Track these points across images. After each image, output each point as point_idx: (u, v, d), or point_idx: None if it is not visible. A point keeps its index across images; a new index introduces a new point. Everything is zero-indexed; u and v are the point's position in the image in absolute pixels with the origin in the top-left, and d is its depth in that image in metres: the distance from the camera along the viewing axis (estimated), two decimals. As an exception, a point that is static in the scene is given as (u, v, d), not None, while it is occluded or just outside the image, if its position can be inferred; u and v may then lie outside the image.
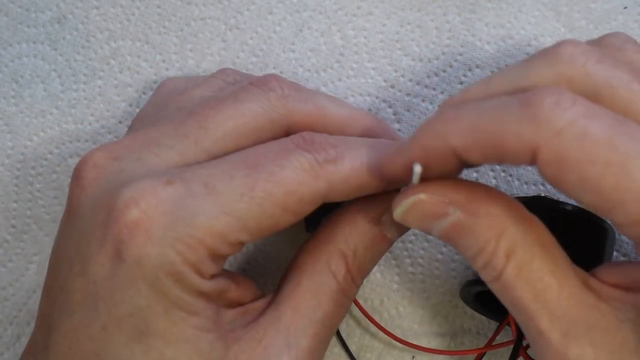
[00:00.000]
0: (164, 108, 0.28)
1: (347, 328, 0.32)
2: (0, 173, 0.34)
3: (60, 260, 0.24)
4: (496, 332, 0.30)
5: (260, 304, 0.24)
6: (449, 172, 0.22)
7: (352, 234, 0.25)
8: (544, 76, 0.21)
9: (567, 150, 0.19)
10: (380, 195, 0.25)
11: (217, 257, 0.22)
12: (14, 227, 0.34)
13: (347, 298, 0.25)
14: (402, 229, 0.26)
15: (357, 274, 0.25)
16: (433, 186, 0.22)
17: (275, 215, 0.22)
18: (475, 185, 0.23)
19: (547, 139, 0.19)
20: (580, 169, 0.19)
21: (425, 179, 0.23)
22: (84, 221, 0.23)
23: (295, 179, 0.23)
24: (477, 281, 0.28)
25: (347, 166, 0.24)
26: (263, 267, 0.33)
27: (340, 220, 0.25)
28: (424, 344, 0.32)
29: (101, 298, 0.22)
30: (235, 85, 0.28)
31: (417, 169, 0.22)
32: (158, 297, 0.22)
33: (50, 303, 0.24)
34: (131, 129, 0.29)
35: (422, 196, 0.22)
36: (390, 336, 0.31)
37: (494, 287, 0.22)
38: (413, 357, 0.32)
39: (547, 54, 0.22)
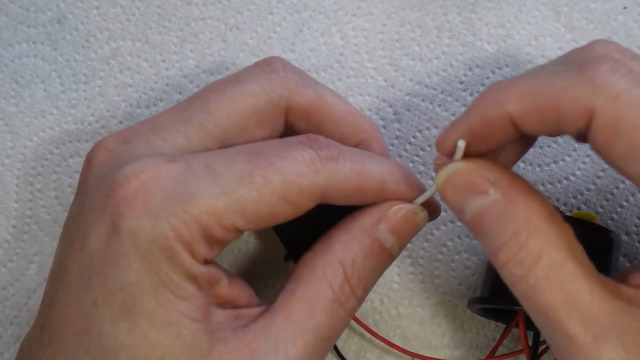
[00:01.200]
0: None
1: (347, 328, 0.32)
2: (1, 173, 0.34)
3: (63, 240, 0.24)
4: (499, 342, 0.29)
5: (254, 311, 0.24)
6: (504, 142, 0.22)
7: (349, 243, 0.25)
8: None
9: (623, 115, 0.19)
10: (376, 205, 0.25)
11: (211, 239, 0.22)
12: (14, 227, 0.34)
13: (343, 309, 0.24)
14: (401, 239, 0.26)
15: (357, 285, 0.24)
16: (480, 162, 0.23)
17: (273, 203, 0.22)
18: (518, 176, 0.23)
19: (604, 102, 0.19)
20: (634, 135, 0.19)
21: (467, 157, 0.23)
22: (88, 198, 0.23)
23: (295, 169, 0.23)
24: (482, 299, 0.28)
25: (348, 167, 0.24)
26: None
27: (337, 230, 0.25)
28: (424, 344, 0.32)
29: (95, 272, 0.22)
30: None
31: (461, 143, 0.22)
32: (148, 273, 0.21)
33: (51, 283, 0.24)
34: None
35: (468, 165, 0.22)
36: (389, 344, 0.31)
37: (517, 288, 0.22)
38: (413, 358, 0.32)
39: (582, 50, 0.23)
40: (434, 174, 0.33)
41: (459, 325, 0.32)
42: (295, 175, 0.23)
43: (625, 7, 0.34)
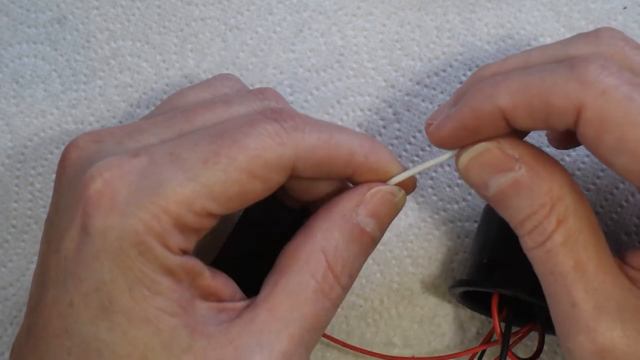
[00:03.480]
0: (162, 109, 0.28)
1: (347, 328, 0.32)
2: (1, 173, 0.34)
3: (43, 241, 0.24)
4: (487, 336, 0.30)
5: (239, 305, 0.24)
6: (494, 136, 0.23)
7: (330, 230, 0.24)
8: (584, 52, 0.23)
9: (611, 110, 0.20)
10: (353, 189, 0.25)
11: (185, 228, 0.22)
12: (14, 227, 0.34)
13: (328, 299, 0.24)
14: (382, 222, 0.25)
15: (342, 272, 0.24)
16: (503, 140, 0.23)
17: (241, 181, 0.22)
18: (540, 150, 0.24)
19: (592, 98, 0.20)
20: (621, 130, 0.20)
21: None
22: (62, 199, 0.23)
23: (260, 143, 0.22)
24: (462, 282, 0.29)
25: (315, 136, 0.24)
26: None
27: (317, 218, 0.25)
28: (424, 344, 0.32)
29: (70, 274, 0.22)
30: (234, 91, 0.28)
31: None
32: (122, 272, 0.21)
33: (34, 284, 0.24)
34: None
35: (493, 145, 0.23)
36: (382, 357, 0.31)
37: (535, 254, 0.23)
38: (413, 356, 0.32)
39: (587, 35, 0.23)
40: (434, 174, 0.33)
41: (459, 325, 0.32)
42: (259, 149, 0.22)
43: (625, 7, 0.34)
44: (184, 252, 0.22)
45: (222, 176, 0.22)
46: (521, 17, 0.34)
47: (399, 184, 0.26)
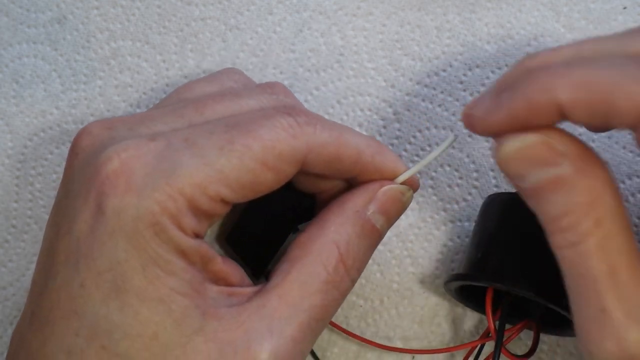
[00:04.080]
0: (170, 100, 0.28)
1: (347, 327, 0.32)
2: (1, 173, 0.34)
3: (50, 227, 0.24)
4: (484, 333, 0.30)
5: (248, 290, 0.24)
6: (543, 127, 0.22)
7: (343, 224, 0.25)
8: None
9: None
10: (365, 186, 0.26)
11: (199, 211, 0.22)
12: (14, 227, 0.34)
13: (337, 290, 0.24)
14: (390, 218, 0.26)
15: (352, 265, 0.25)
16: (552, 133, 0.22)
17: (255, 170, 0.23)
18: (586, 147, 0.22)
19: None
20: None
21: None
22: (74, 183, 0.24)
23: (274, 135, 0.23)
24: (456, 276, 0.29)
25: (326, 133, 0.24)
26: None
27: (330, 212, 0.26)
28: (424, 344, 0.32)
29: (82, 255, 0.22)
30: (241, 85, 0.29)
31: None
32: (136, 251, 0.21)
33: (39, 271, 0.24)
34: None
35: (541, 138, 0.22)
36: (387, 348, 0.31)
37: (565, 253, 0.22)
38: (413, 357, 0.32)
39: None
40: (434, 174, 0.33)
41: (459, 325, 0.32)
42: (274, 140, 0.23)
43: (625, 7, 0.34)
44: (197, 236, 0.23)
45: (237, 163, 0.22)
46: (521, 17, 0.34)
47: (404, 182, 0.27)
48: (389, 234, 0.32)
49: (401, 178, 0.26)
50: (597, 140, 0.33)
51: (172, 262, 0.22)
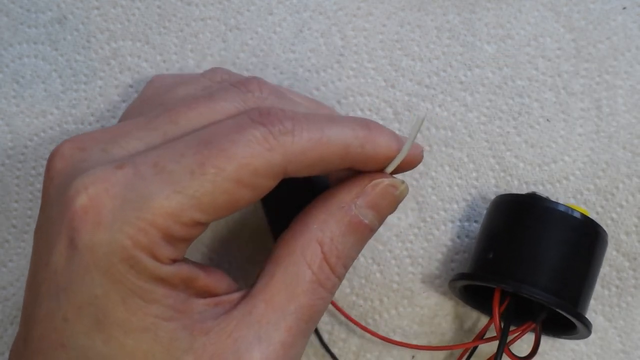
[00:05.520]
0: (147, 104, 0.27)
1: (347, 328, 0.32)
2: (1, 173, 0.34)
3: (34, 252, 0.24)
4: (484, 329, 0.30)
5: (234, 296, 0.24)
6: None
7: (327, 221, 0.24)
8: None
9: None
10: (354, 179, 0.25)
11: (173, 239, 0.22)
12: (14, 227, 0.34)
13: (324, 289, 0.24)
14: (381, 213, 0.25)
15: (337, 263, 0.24)
16: None
17: (230, 190, 0.22)
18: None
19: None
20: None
21: None
22: (50, 210, 0.23)
23: (248, 151, 0.22)
24: (467, 275, 0.29)
25: (305, 138, 0.23)
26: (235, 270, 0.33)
27: (314, 208, 0.25)
28: (424, 344, 0.32)
29: (61, 288, 0.22)
30: (220, 84, 0.28)
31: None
32: (114, 285, 0.21)
33: (27, 295, 0.24)
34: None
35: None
36: (389, 341, 0.31)
37: None
38: (413, 356, 0.32)
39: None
40: (434, 174, 0.33)
41: (459, 325, 0.32)
42: (248, 157, 0.22)
43: (624, 8, 0.34)
44: (175, 261, 0.22)
45: (210, 187, 0.21)
46: (521, 17, 0.34)
47: (403, 164, 0.25)
48: (388, 233, 0.32)
49: (393, 165, 0.25)
50: (597, 140, 0.33)
51: (152, 290, 0.21)
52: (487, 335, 0.29)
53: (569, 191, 0.32)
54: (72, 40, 0.35)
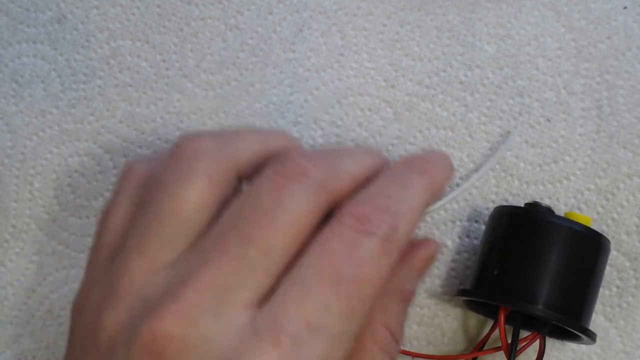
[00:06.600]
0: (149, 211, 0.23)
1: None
2: (0, 173, 0.34)
3: None
4: (485, 337, 0.30)
5: None
6: None
7: (389, 307, 0.25)
8: None
9: None
10: (406, 263, 0.26)
11: None
12: (14, 226, 0.34)
13: (391, 358, 0.25)
14: (423, 275, 0.26)
15: (398, 332, 0.25)
16: None
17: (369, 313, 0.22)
18: None
19: None
20: None
21: None
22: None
23: (376, 270, 0.21)
24: (474, 293, 0.29)
25: (406, 226, 0.22)
26: None
27: None
28: (424, 344, 0.32)
29: None
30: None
31: None
32: None
33: None
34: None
35: None
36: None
37: None
38: (413, 358, 0.32)
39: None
40: (434, 174, 0.33)
41: (459, 325, 0.32)
42: (377, 275, 0.21)
43: (625, 7, 0.34)
44: None
45: (354, 325, 0.21)
46: (521, 17, 0.34)
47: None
48: (389, 234, 0.32)
49: (434, 207, 0.26)
50: (597, 140, 0.33)
51: None
52: (490, 341, 0.30)
53: (569, 191, 0.32)
54: (71, 39, 0.35)
